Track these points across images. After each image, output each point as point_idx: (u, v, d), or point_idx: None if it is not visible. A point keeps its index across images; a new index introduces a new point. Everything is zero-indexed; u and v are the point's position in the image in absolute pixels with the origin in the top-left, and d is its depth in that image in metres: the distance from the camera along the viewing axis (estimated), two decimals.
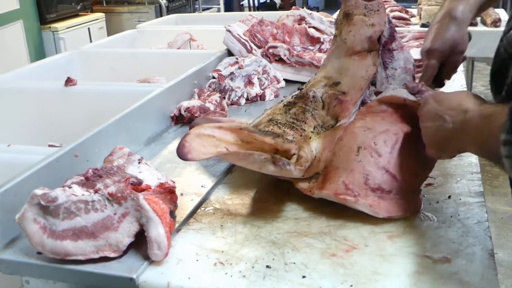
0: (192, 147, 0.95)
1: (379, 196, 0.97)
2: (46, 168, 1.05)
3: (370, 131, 1.00)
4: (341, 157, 1.01)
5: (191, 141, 0.96)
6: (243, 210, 1.04)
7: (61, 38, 4.22)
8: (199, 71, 1.74)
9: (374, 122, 0.99)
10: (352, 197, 0.97)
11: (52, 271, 0.90)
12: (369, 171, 0.98)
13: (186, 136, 0.97)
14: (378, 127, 1.00)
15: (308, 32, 1.99)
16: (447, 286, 0.79)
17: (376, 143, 0.98)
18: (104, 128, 1.24)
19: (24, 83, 1.80)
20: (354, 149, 1.00)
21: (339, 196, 0.98)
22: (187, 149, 0.95)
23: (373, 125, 1.00)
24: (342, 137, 1.00)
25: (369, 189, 0.98)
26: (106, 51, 2.25)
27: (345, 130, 1.01)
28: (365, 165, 0.98)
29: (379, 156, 0.98)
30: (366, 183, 0.98)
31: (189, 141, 0.96)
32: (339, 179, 0.99)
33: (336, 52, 1.14)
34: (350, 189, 0.98)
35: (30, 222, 0.89)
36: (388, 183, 0.98)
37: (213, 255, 0.90)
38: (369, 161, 0.98)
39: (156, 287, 0.84)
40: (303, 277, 0.83)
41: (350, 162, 1.00)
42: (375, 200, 0.97)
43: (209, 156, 0.96)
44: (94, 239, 0.88)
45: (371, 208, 0.97)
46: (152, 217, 0.88)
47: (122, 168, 1.03)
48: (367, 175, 0.98)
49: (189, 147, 0.95)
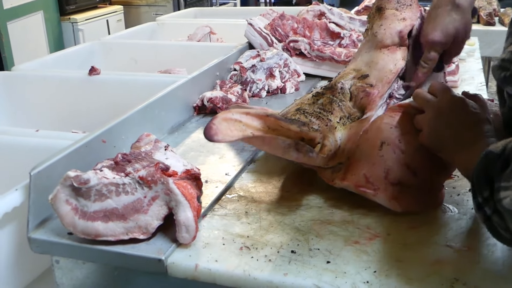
0: (219, 129, 0.97)
1: (398, 191, 0.99)
2: (75, 153, 1.08)
3: (396, 129, 1.00)
4: (364, 150, 1.03)
5: (218, 124, 0.98)
6: (267, 197, 1.07)
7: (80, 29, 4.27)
8: (221, 63, 1.77)
9: (402, 121, 1.01)
10: (372, 190, 0.99)
11: (82, 251, 0.93)
12: (390, 166, 0.99)
13: (214, 119, 0.98)
14: (406, 127, 1.00)
15: (328, 27, 2.01)
16: (469, 274, 0.81)
17: (400, 141, 0.99)
18: (130, 116, 1.27)
19: (49, 71, 1.83)
20: (377, 143, 1.01)
21: (359, 188, 1.00)
22: (214, 131, 0.96)
23: (400, 124, 1.01)
24: (367, 130, 1.02)
25: (389, 183, 0.99)
26: (127, 43, 2.28)
27: (371, 124, 1.02)
28: (387, 160, 1.00)
29: (402, 153, 0.99)
30: (387, 178, 0.99)
31: (216, 123, 0.98)
32: (360, 172, 1.01)
33: (367, 45, 1.16)
34: (370, 182, 1.00)
35: (62, 203, 0.92)
36: (409, 179, 0.99)
37: (239, 240, 0.92)
38: (391, 157, 0.99)
39: (184, 269, 0.87)
40: (328, 262, 0.85)
41: (372, 156, 1.01)
42: (394, 194, 0.98)
43: (235, 139, 0.97)
44: (124, 221, 0.91)
45: (390, 202, 0.98)
46: (181, 200, 0.91)
47: (150, 154, 1.05)
48: (388, 169, 0.99)
49: (216, 129, 0.96)
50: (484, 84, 1.77)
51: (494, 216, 0.72)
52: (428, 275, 0.81)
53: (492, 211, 0.72)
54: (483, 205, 0.73)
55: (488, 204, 0.72)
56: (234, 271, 0.84)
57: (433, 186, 1.02)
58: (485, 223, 0.75)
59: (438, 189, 1.03)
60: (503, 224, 0.70)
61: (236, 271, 0.84)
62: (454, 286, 0.79)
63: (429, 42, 1.11)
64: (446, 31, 1.10)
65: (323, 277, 0.82)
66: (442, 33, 1.09)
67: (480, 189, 0.74)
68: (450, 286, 0.79)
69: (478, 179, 0.74)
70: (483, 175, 0.73)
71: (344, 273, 0.82)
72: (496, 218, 0.71)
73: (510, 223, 0.66)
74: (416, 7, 1.15)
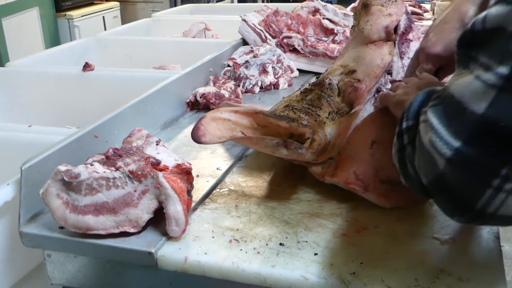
0: (207, 130, 0.97)
1: (387, 188, 0.99)
2: (67, 147, 1.09)
3: (388, 129, 1.00)
4: (355, 147, 1.03)
5: (207, 125, 0.98)
6: (257, 192, 1.08)
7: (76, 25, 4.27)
8: (215, 59, 1.77)
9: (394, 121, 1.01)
10: (361, 188, 1.00)
11: (73, 245, 0.94)
12: (380, 165, 1.00)
13: (202, 119, 0.99)
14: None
15: (322, 23, 2.01)
16: (454, 265, 0.82)
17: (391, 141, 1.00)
18: (122, 111, 1.28)
19: (43, 67, 1.84)
20: (368, 142, 1.01)
21: (348, 185, 1.01)
22: (201, 132, 0.97)
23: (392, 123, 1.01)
24: (358, 128, 1.02)
25: (378, 181, 1.00)
26: (122, 39, 2.29)
27: (363, 122, 1.02)
28: (377, 158, 1.00)
29: None
30: (377, 175, 1.00)
31: (204, 124, 0.98)
32: (350, 169, 1.02)
33: (354, 41, 1.17)
34: (360, 180, 1.00)
35: (53, 197, 0.93)
36: (398, 176, 0.99)
37: (228, 233, 0.93)
38: (382, 156, 1.00)
39: (174, 261, 0.88)
40: (315, 254, 0.86)
41: (363, 154, 1.01)
42: (383, 191, 0.99)
43: (223, 140, 0.98)
44: (115, 214, 0.92)
45: (379, 199, 0.99)
46: (170, 194, 0.91)
47: (141, 149, 1.06)
48: (378, 168, 1.00)
49: (204, 130, 0.97)
50: None
51: (408, 146, 0.71)
52: (414, 266, 0.82)
53: (409, 141, 0.71)
54: (404, 131, 0.73)
55: (408, 133, 0.72)
56: (223, 264, 0.86)
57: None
58: (397, 154, 0.74)
59: None
60: (412, 157, 0.68)
61: (225, 263, 0.86)
62: (439, 277, 0.80)
63: (429, 54, 1.10)
64: (449, 47, 1.08)
65: (310, 268, 0.83)
66: (445, 48, 1.08)
67: (408, 116, 0.73)
68: (435, 276, 0.80)
69: (410, 107, 0.73)
70: (418, 105, 0.72)
71: (331, 265, 0.83)
72: (409, 149, 0.71)
73: (418, 154, 0.64)
74: (401, 3, 1.16)
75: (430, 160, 0.61)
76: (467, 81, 0.58)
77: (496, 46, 0.56)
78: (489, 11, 0.57)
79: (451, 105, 0.59)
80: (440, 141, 0.59)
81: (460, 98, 0.58)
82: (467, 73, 0.59)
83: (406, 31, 1.15)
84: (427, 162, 0.62)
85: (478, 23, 0.59)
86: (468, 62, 0.60)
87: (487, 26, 0.57)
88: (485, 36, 0.57)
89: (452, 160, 0.58)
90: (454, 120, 0.58)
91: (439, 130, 0.60)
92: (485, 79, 0.55)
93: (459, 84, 0.59)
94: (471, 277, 0.80)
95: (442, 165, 0.59)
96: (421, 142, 0.63)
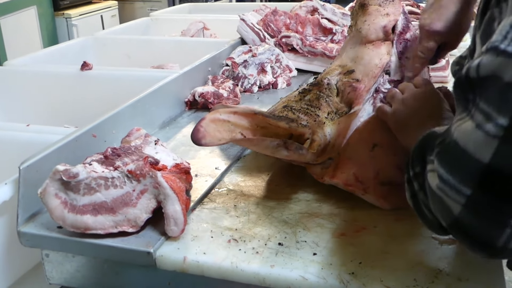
0: (206, 132, 0.97)
1: (387, 190, 0.99)
2: (65, 147, 1.09)
3: (390, 132, 1.00)
4: (355, 149, 1.02)
5: (206, 126, 0.98)
6: (256, 191, 1.08)
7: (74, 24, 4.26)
8: (213, 58, 1.77)
9: None
10: (361, 190, 1.00)
11: (72, 245, 0.93)
12: (381, 167, 0.99)
13: (201, 121, 0.98)
14: None
15: (320, 22, 2.01)
16: (452, 265, 0.82)
17: (393, 144, 1.00)
18: (121, 110, 1.28)
19: (41, 66, 1.83)
20: (369, 145, 1.01)
21: (348, 186, 1.01)
22: (201, 134, 0.97)
23: None
24: (359, 130, 1.01)
25: (379, 182, 0.99)
26: (120, 38, 2.28)
27: (364, 124, 1.02)
28: (378, 161, 1.00)
29: (394, 155, 1.00)
30: (377, 177, 0.99)
31: (204, 126, 0.97)
32: (350, 170, 1.01)
33: (351, 41, 1.17)
34: (359, 181, 1.00)
35: (52, 197, 0.93)
36: (399, 177, 0.99)
37: (227, 233, 0.93)
38: (383, 159, 1.00)
39: (172, 261, 0.88)
40: (314, 254, 0.86)
41: (363, 156, 1.01)
42: (383, 193, 0.99)
43: (223, 142, 0.98)
44: (113, 214, 0.92)
45: (378, 201, 0.99)
46: (169, 194, 0.91)
47: (139, 148, 1.06)
48: (378, 170, 0.99)
49: (204, 132, 0.97)
50: None
51: (420, 193, 0.72)
52: (413, 266, 0.82)
53: (420, 187, 0.72)
54: (412, 179, 0.73)
55: (417, 180, 0.72)
56: (222, 263, 0.85)
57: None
58: (411, 199, 0.75)
59: None
60: (426, 202, 0.69)
61: (223, 263, 0.85)
62: (438, 277, 0.80)
63: (430, 31, 1.06)
64: (447, 22, 1.05)
65: (309, 268, 0.83)
66: (445, 24, 1.05)
67: (413, 164, 0.74)
68: (434, 276, 0.80)
69: (413, 154, 0.75)
70: (420, 151, 0.73)
71: (330, 265, 0.83)
72: (421, 195, 0.71)
73: (432, 202, 0.66)
74: (398, 3, 1.16)
75: (444, 206, 0.63)
76: (469, 129, 0.60)
77: (494, 95, 0.58)
78: (481, 59, 0.59)
79: (457, 153, 0.61)
80: (451, 190, 0.61)
81: (464, 146, 0.60)
82: (468, 119, 0.61)
83: (404, 30, 1.15)
84: (442, 208, 0.64)
85: (472, 70, 0.60)
86: (467, 104, 0.62)
87: (481, 74, 0.59)
88: (480, 83, 0.59)
89: (465, 206, 0.60)
90: (462, 169, 0.60)
91: (448, 179, 0.62)
92: (487, 129, 0.57)
93: (462, 131, 0.61)
94: (470, 277, 0.80)
95: (457, 211, 0.61)
96: (432, 190, 0.65)
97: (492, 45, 0.59)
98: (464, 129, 0.61)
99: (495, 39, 0.59)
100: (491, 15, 0.64)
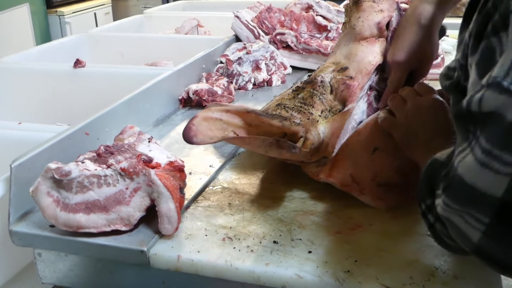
0: (198, 131, 0.96)
1: (384, 191, 0.98)
2: (58, 145, 1.07)
3: (392, 137, 0.99)
4: (354, 150, 1.01)
5: (198, 125, 0.96)
6: (250, 189, 1.07)
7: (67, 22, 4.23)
8: (207, 55, 1.76)
9: None
10: (357, 191, 0.99)
11: (64, 244, 0.92)
12: (379, 170, 0.98)
13: (193, 119, 0.97)
14: None
15: (315, 20, 2.00)
16: (448, 262, 0.82)
17: (395, 149, 0.98)
18: (114, 108, 1.26)
19: (33, 64, 1.82)
20: (370, 148, 0.99)
21: (344, 187, 1.00)
22: (193, 132, 0.95)
23: None
24: (360, 132, 0.99)
25: (375, 185, 0.99)
26: (114, 35, 2.27)
27: (366, 126, 0.99)
28: (377, 164, 0.98)
29: (396, 160, 0.99)
30: (374, 179, 0.98)
31: (196, 124, 0.96)
32: (347, 171, 1.00)
33: (345, 38, 1.16)
34: (356, 182, 0.99)
35: (44, 195, 0.91)
36: (397, 181, 0.99)
37: (221, 231, 0.92)
38: (383, 162, 0.98)
39: (166, 260, 0.87)
40: (309, 252, 0.85)
41: (362, 158, 0.99)
42: (379, 194, 0.98)
43: (215, 141, 0.97)
44: (106, 212, 0.91)
45: (374, 202, 0.98)
46: (163, 192, 0.90)
47: (133, 146, 1.05)
48: (376, 172, 0.99)
49: (196, 130, 0.95)
50: None
51: (437, 223, 0.71)
52: (409, 264, 0.82)
53: (435, 219, 0.71)
54: (426, 213, 0.73)
55: (431, 212, 0.72)
56: (216, 262, 0.85)
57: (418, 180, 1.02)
58: (430, 230, 0.75)
59: None
60: (445, 231, 0.69)
61: (218, 261, 0.85)
62: (434, 275, 0.79)
63: (394, 63, 1.09)
64: (411, 52, 1.07)
65: (305, 266, 0.82)
66: (407, 54, 1.07)
67: (424, 197, 0.74)
68: (430, 274, 0.79)
69: (421, 187, 0.75)
70: (427, 183, 0.73)
71: (326, 263, 0.83)
72: (438, 225, 0.71)
73: (450, 230, 0.66)
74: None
75: (464, 236, 0.63)
76: (473, 166, 0.60)
77: (496, 133, 0.58)
78: (484, 94, 0.59)
79: (465, 190, 0.61)
80: (467, 223, 0.61)
81: (472, 184, 0.60)
82: (469, 151, 0.60)
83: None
84: (462, 237, 0.64)
85: (474, 104, 0.60)
86: (467, 134, 0.62)
87: (483, 109, 0.59)
88: (482, 118, 0.59)
89: (485, 233, 0.60)
90: (475, 203, 0.60)
91: (462, 213, 0.62)
92: (496, 168, 0.57)
93: (466, 168, 0.61)
94: (466, 275, 0.79)
95: (476, 238, 0.61)
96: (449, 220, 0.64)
97: (494, 80, 0.58)
98: (468, 165, 0.60)
99: (496, 73, 0.58)
100: (489, 44, 0.62)
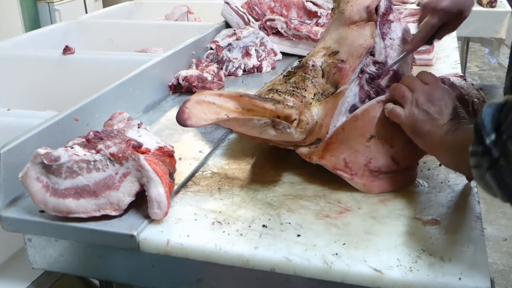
0: (192, 113, 0.95)
1: (375, 176, 0.99)
2: (47, 130, 1.07)
3: (390, 126, 0.98)
4: (349, 135, 1.00)
5: (191, 108, 0.96)
6: (240, 174, 1.07)
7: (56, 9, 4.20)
8: (197, 42, 1.76)
9: None
10: (349, 175, 0.99)
11: (54, 229, 0.93)
12: (374, 156, 0.99)
13: (186, 103, 0.97)
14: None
15: (305, 6, 2.00)
16: (436, 244, 0.83)
17: (392, 137, 0.99)
18: (103, 94, 1.26)
19: (22, 51, 1.81)
20: (366, 135, 0.99)
21: (336, 170, 1.00)
22: (186, 115, 0.95)
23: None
24: (357, 118, 0.99)
25: (368, 170, 0.99)
26: (103, 22, 2.25)
27: (364, 112, 0.99)
28: (372, 151, 0.98)
29: (391, 147, 0.99)
30: (367, 165, 0.99)
31: (189, 107, 0.96)
32: (340, 155, 1.00)
33: (335, 24, 1.16)
34: (348, 167, 0.99)
35: (33, 181, 0.91)
36: (389, 167, 1.00)
37: (211, 215, 0.93)
38: (378, 149, 0.99)
39: (156, 244, 0.87)
40: (298, 235, 0.86)
41: (357, 144, 0.99)
42: (370, 179, 0.99)
43: (209, 123, 0.96)
44: (96, 197, 0.91)
45: (365, 187, 0.99)
46: (152, 177, 0.91)
47: (122, 131, 1.05)
48: (370, 158, 0.99)
49: (189, 113, 0.95)
50: (459, 62, 1.79)
51: (501, 158, 0.70)
52: (396, 247, 0.83)
53: (500, 153, 0.70)
54: (490, 147, 0.72)
55: (496, 146, 0.71)
56: (206, 246, 0.85)
57: (409, 166, 1.03)
58: (489, 171, 0.73)
59: (413, 169, 1.04)
60: (508, 168, 0.69)
61: (207, 245, 0.85)
62: (420, 257, 0.80)
63: (436, 9, 1.08)
64: (455, 2, 1.08)
65: (293, 250, 0.83)
66: (451, 2, 1.08)
67: (487, 133, 0.73)
68: (417, 256, 0.80)
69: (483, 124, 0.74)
70: (494, 119, 0.73)
71: (314, 246, 0.83)
72: (503, 161, 0.70)
73: None
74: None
75: None
76: None
77: None
78: None
79: None
80: None
81: None
82: None
83: (387, 12, 1.14)
84: None
85: None
86: None
87: None
88: None
89: None
90: None
91: None
92: None
93: None
94: (452, 257, 0.80)
95: None
96: None
97: None
98: None
99: None
100: None
